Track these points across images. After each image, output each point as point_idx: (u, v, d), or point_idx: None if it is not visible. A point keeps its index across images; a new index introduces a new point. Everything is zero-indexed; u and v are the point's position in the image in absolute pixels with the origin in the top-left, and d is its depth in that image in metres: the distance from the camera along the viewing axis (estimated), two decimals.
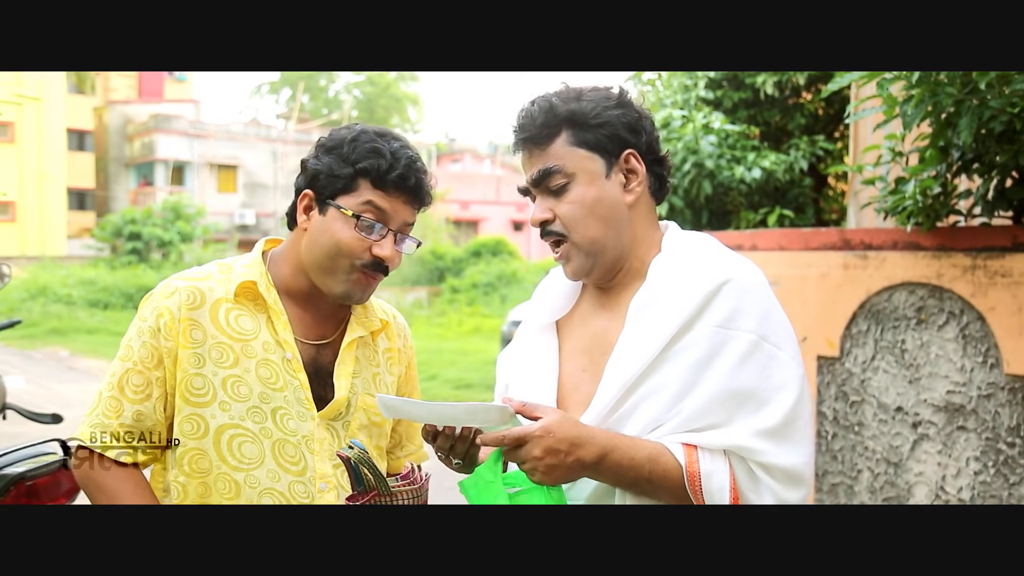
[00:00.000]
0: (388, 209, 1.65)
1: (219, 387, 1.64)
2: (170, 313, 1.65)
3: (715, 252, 1.59)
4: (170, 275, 1.74)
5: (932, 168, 3.13)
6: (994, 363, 3.06)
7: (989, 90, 2.68)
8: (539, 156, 1.58)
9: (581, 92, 1.59)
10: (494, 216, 32.60)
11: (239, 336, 1.67)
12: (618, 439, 1.47)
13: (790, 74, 5.80)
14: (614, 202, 1.58)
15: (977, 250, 3.09)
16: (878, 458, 3.51)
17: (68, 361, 13.81)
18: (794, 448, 1.47)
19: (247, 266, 1.73)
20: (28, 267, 21.55)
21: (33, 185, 27.21)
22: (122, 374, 1.65)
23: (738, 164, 5.46)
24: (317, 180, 1.68)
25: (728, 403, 1.47)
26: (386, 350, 1.86)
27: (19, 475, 2.85)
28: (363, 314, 1.81)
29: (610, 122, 1.56)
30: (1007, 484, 3.04)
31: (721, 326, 1.49)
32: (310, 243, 1.69)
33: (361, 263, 1.65)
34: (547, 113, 1.57)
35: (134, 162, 30.82)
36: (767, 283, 1.57)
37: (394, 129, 1.78)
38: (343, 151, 1.66)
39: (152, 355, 1.64)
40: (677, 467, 1.46)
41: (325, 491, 1.67)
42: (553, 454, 1.42)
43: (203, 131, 30.36)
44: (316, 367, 1.72)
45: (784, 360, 1.50)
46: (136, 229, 23.67)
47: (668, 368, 1.50)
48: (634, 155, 1.59)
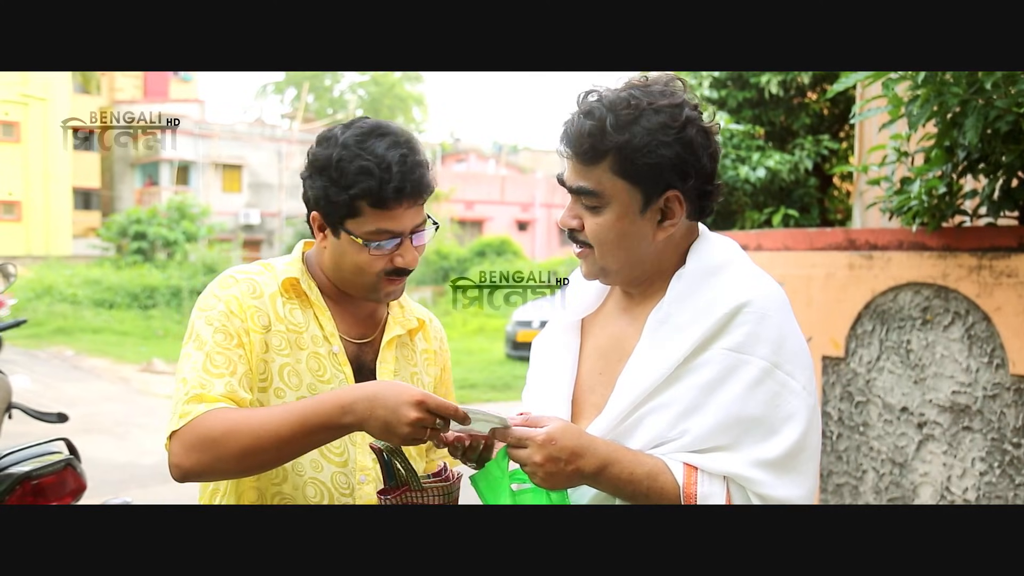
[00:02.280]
0: (395, 225, 1.65)
1: (276, 374, 1.67)
2: (236, 299, 1.67)
3: (737, 270, 1.56)
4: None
5: (938, 168, 3.13)
6: (1000, 363, 3.05)
7: (995, 90, 2.68)
8: (580, 170, 1.53)
9: (641, 114, 1.48)
10: (499, 216, 32.58)
11: (293, 327, 1.71)
12: (620, 453, 1.48)
13: (795, 74, 5.79)
14: (642, 237, 1.54)
15: (983, 250, 3.08)
16: (883, 458, 3.50)
17: (73, 360, 13.84)
18: (794, 481, 1.45)
19: (289, 264, 1.77)
20: (33, 267, 21.58)
21: (39, 185, 27.25)
22: (203, 361, 1.60)
23: (743, 164, 5.45)
24: (320, 205, 1.67)
25: (734, 429, 1.46)
26: (423, 351, 1.90)
27: (25, 474, 2.86)
28: (400, 313, 1.86)
29: (659, 162, 1.48)
30: (1012, 484, 3.03)
31: (734, 350, 1.47)
32: (333, 263, 1.73)
33: (385, 272, 1.69)
34: (596, 138, 1.48)
35: (139, 162, 30.87)
36: (787, 305, 1.55)
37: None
38: (332, 175, 1.63)
39: (230, 336, 1.63)
40: (675, 486, 1.46)
41: (364, 483, 1.71)
42: (553, 462, 1.44)
43: (208, 131, 30.38)
44: (359, 364, 1.77)
45: (795, 389, 1.48)
46: (141, 229, 23.69)
47: (679, 386, 1.49)
48: (677, 197, 1.51)
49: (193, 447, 1.51)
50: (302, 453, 1.57)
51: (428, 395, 1.48)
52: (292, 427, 1.50)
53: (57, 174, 27.57)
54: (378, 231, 1.64)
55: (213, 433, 1.50)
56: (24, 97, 26.02)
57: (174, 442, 1.53)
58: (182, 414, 1.54)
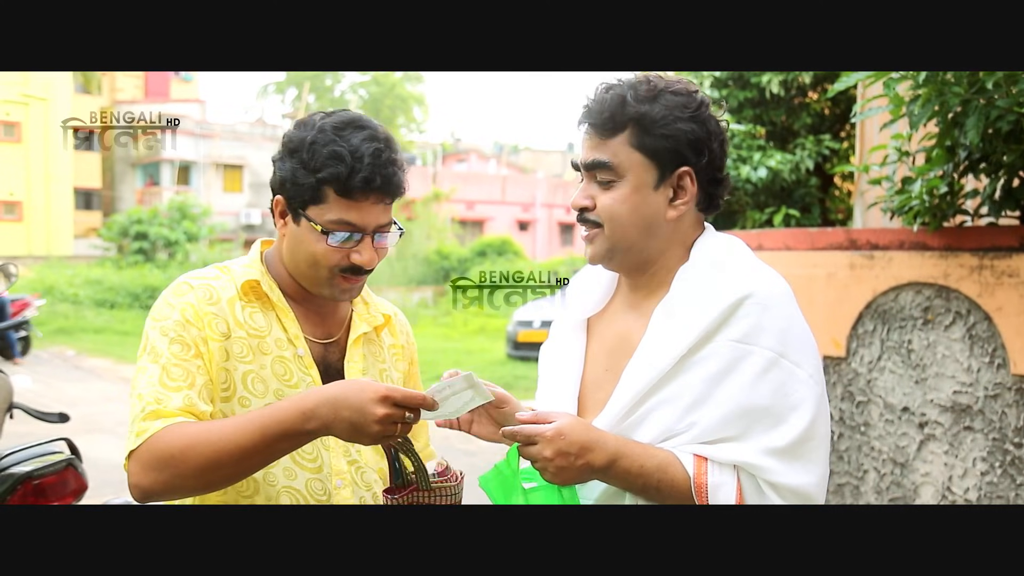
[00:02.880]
0: (358, 219, 1.59)
1: (239, 382, 1.61)
2: (192, 307, 1.60)
3: (741, 263, 1.58)
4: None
5: (939, 168, 3.13)
6: (1001, 363, 3.05)
7: (996, 89, 2.68)
8: (598, 144, 1.56)
9: (660, 92, 1.54)
10: (500, 216, 32.59)
11: (255, 332, 1.65)
12: (629, 446, 1.49)
13: (796, 74, 5.79)
14: (654, 213, 1.56)
15: (984, 250, 3.08)
16: (884, 458, 3.50)
17: (75, 360, 13.85)
18: (804, 468, 1.47)
19: (247, 266, 1.71)
20: (35, 267, 21.59)
21: (40, 185, 27.26)
22: (159, 374, 1.54)
23: (744, 164, 5.46)
24: (285, 187, 1.62)
25: (742, 419, 1.47)
26: (391, 346, 1.85)
27: (26, 474, 2.86)
28: (365, 310, 1.81)
29: (676, 135, 1.53)
30: (1014, 484, 3.03)
31: (740, 341, 1.48)
32: (290, 251, 1.67)
33: (340, 269, 1.63)
34: (617, 107, 1.54)
35: (140, 162, 30.88)
36: (791, 297, 1.56)
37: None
38: (303, 156, 1.58)
39: (186, 346, 1.57)
40: (685, 478, 1.47)
41: (341, 487, 1.66)
42: (563, 456, 1.45)
43: (209, 131, 30.40)
44: (326, 365, 1.71)
45: (802, 378, 1.49)
46: (142, 229, 23.72)
47: (685, 379, 1.50)
48: (689, 174, 1.56)
49: (151, 466, 1.45)
50: (268, 463, 1.52)
51: (393, 388, 1.43)
52: (253, 438, 1.44)
53: (58, 174, 27.59)
54: (339, 221, 1.58)
55: (171, 450, 1.44)
56: (25, 97, 26.05)
57: (132, 462, 1.48)
58: (138, 432, 1.48)
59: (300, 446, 1.52)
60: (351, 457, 1.69)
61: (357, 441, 1.46)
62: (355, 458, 1.70)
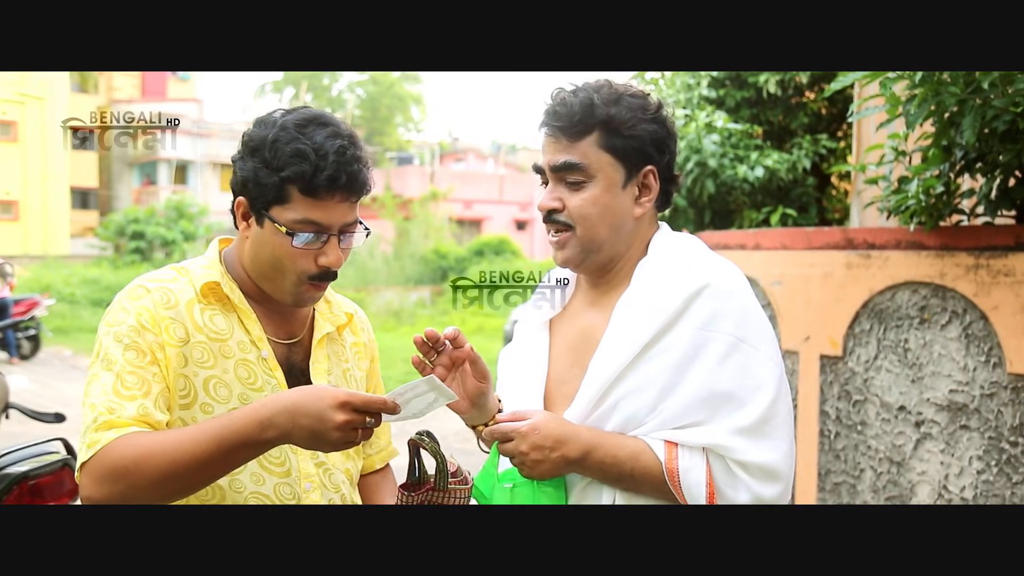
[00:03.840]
0: (323, 218, 1.54)
1: (200, 388, 1.56)
2: (148, 312, 1.54)
3: (697, 255, 1.65)
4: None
5: (935, 167, 3.13)
6: (997, 362, 3.05)
7: (992, 89, 2.68)
8: (565, 146, 1.60)
9: (621, 95, 1.61)
10: (497, 215, 32.57)
11: (216, 336, 1.59)
12: (602, 437, 1.56)
13: (793, 73, 5.79)
14: (623, 212, 1.62)
15: (980, 249, 3.08)
16: (881, 457, 3.50)
17: (71, 360, 13.82)
18: (771, 445, 1.53)
19: (206, 267, 1.65)
20: (31, 266, 21.57)
21: (36, 184, 27.23)
22: (113, 382, 1.48)
23: (741, 163, 5.46)
24: (247, 188, 1.56)
25: (708, 403, 1.53)
26: (353, 344, 1.81)
27: (22, 474, 2.86)
28: (328, 310, 1.77)
29: (641, 136, 1.60)
30: (1010, 483, 3.03)
31: (701, 328, 1.55)
32: (252, 254, 1.61)
33: (308, 275, 1.58)
34: (586, 110, 1.58)
35: (137, 161, 30.85)
36: (747, 285, 1.63)
37: (327, 115, 1.57)
38: (265, 155, 1.53)
39: (141, 353, 1.51)
40: (657, 464, 1.53)
41: (310, 491, 1.63)
42: (539, 450, 1.52)
43: (206, 130, 30.36)
44: (290, 365, 1.67)
45: (761, 360, 1.56)
46: (139, 228, 23.69)
47: (649, 367, 1.56)
48: (653, 172, 1.63)
49: (104, 478, 1.40)
50: (227, 473, 1.47)
51: (352, 394, 1.39)
52: (208, 448, 1.39)
53: (55, 173, 27.55)
54: (304, 221, 1.53)
55: (124, 461, 1.39)
56: (22, 96, 26.01)
57: (83, 475, 1.43)
58: (90, 444, 1.43)
59: (259, 455, 1.48)
60: (319, 459, 1.67)
61: (318, 449, 1.42)
62: (322, 460, 1.67)
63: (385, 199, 25.35)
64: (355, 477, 1.77)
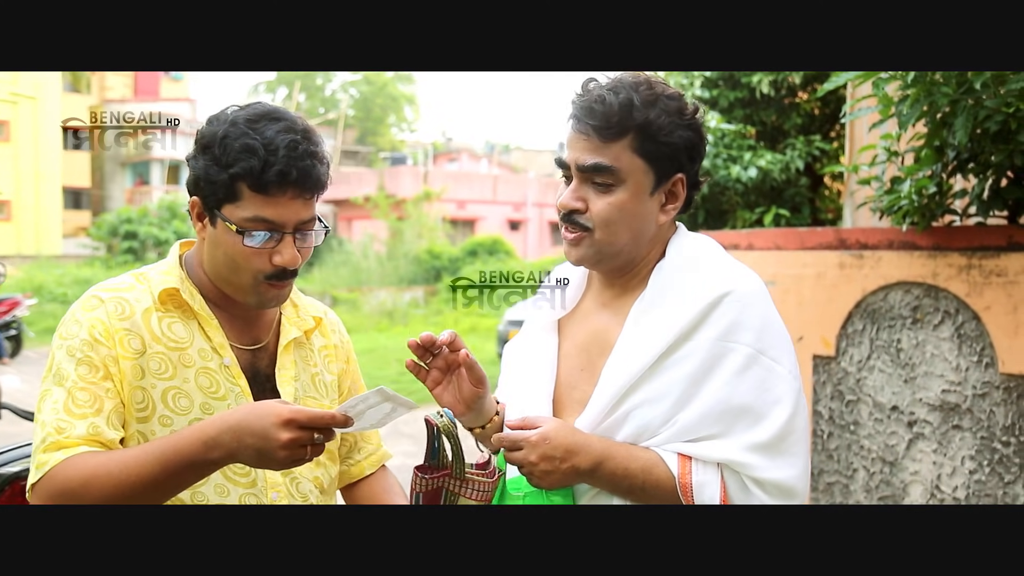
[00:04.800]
0: (276, 216, 1.49)
1: (159, 400, 1.51)
2: (102, 323, 1.50)
3: (717, 261, 1.58)
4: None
5: (928, 168, 3.14)
6: (989, 362, 3.06)
7: (984, 90, 2.69)
8: (597, 147, 1.51)
9: (659, 97, 1.52)
10: (491, 215, 32.56)
11: (175, 345, 1.54)
12: (614, 448, 1.49)
13: (786, 74, 5.81)
14: (648, 219, 1.56)
15: (972, 249, 3.09)
16: (873, 457, 3.51)
17: None
18: (787, 462, 1.48)
19: (165, 273, 1.60)
20: (24, 266, 21.50)
21: (29, 184, 27.15)
22: (64, 399, 1.45)
23: (734, 163, 5.47)
24: (199, 186, 1.52)
25: (724, 417, 1.47)
26: (322, 348, 1.76)
27: (14, 475, 2.84)
28: (294, 313, 1.72)
29: (675, 143, 1.52)
30: (1002, 483, 3.04)
31: (720, 339, 1.49)
32: (209, 256, 1.57)
33: (264, 275, 1.53)
34: (625, 111, 1.50)
35: (130, 161, 30.78)
36: (767, 294, 1.56)
37: (290, 114, 1.54)
38: (215, 152, 1.48)
39: (94, 368, 1.47)
40: (670, 477, 1.48)
41: (277, 500, 1.59)
42: (548, 460, 1.46)
43: None
44: (254, 372, 1.62)
45: (781, 374, 1.50)
46: (132, 228, 23.63)
47: (665, 377, 1.50)
48: (682, 180, 1.56)
49: (51, 500, 1.39)
50: (177, 493, 1.44)
51: (297, 411, 1.34)
52: (154, 470, 1.36)
53: (47, 173, 27.48)
54: (256, 219, 1.48)
55: (71, 484, 1.37)
56: (14, 96, 25.94)
57: (33, 495, 1.41)
58: (39, 464, 1.40)
59: (207, 475, 1.44)
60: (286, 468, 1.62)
61: (266, 467, 1.38)
62: (289, 468, 1.61)
63: (379, 199, 25.30)
64: (327, 485, 1.72)
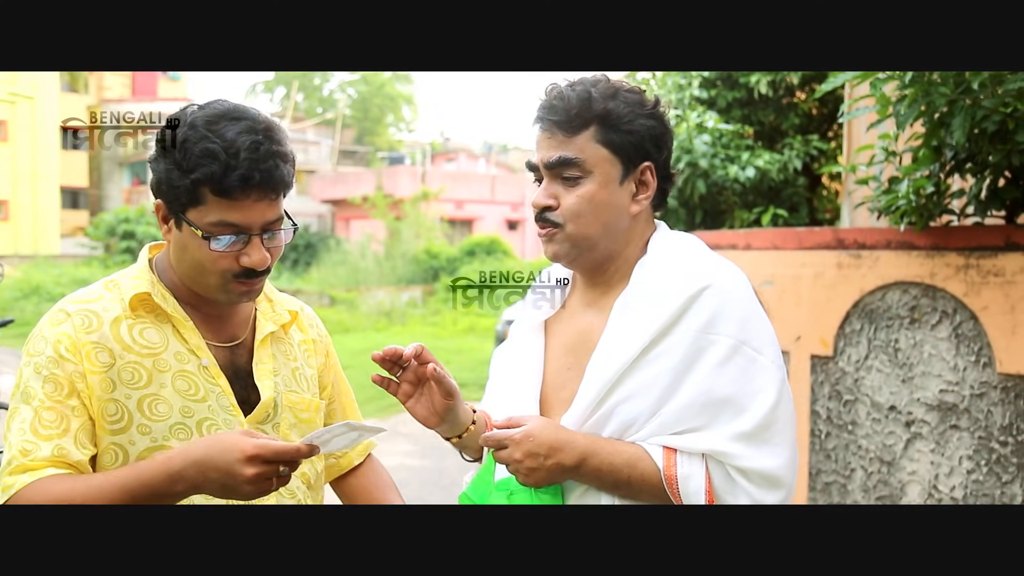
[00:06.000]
0: (241, 219, 1.47)
1: (135, 410, 1.49)
2: (68, 338, 1.48)
3: (698, 255, 1.60)
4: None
5: (925, 168, 3.14)
6: (987, 362, 3.06)
7: (982, 90, 2.69)
8: (561, 142, 1.55)
9: (618, 90, 1.57)
10: (489, 215, 32.54)
11: (148, 351, 1.52)
12: (598, 444, 1.51)
13: (784, 74, 5.81)
14: (619, 209, 1.58)
15: (970, 249, 3.10)
16: (871, 457, 3.51)
17: None
18: (771, 451, 1.49)
19: (135, 277, 1.58)
20: (21, 266, 21.47)
21: (27, 184, 27.13)
22: (31, 419, 1.43)
23: (732, 163, 5.47)
24: (162, 190, 1.50)
25: (708, 408, 1.49)
26: (301, 342, 1.75)
27: None
28: (269, 308, 1.70)
29: (639, 131, 1.55)
30: (999, 483, 3.05)
31: (701, 331, 1.50)
32: (176, 258, 1.56)
33: (232, 275, 1.51)
34: (583, 103, 1.54)
35: (127, 161, 30.74)
36: (749, 286, 1.58)
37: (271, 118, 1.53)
38: (176, 157, 1.45)
39: (60, 386, 1.45)
40: (656, 471, 1.49)
41: (263, 497, 1.57)
42: (533, 457, 1.48)
43: None
44: (234, 370, 1.61)
45: (764, 364, 1.51)
46: (130, 228, 23.59)
47: (648, 371, 1.51)
48: (651, 169, 1.58)
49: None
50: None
51: (262, 446, 1.33)
52: (118, 499, 1.36)
53: (45, 173, 27.46)
54: (221, 223, 1.46)
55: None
56: (12, 96, 25.91)
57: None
58: (3, 488, 1.40)
59: (175, 503, 1.42)
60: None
61: (231, 499, 1.38)
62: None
63: (376, 199, 25.30)
64: (314, 480, 1.71)
